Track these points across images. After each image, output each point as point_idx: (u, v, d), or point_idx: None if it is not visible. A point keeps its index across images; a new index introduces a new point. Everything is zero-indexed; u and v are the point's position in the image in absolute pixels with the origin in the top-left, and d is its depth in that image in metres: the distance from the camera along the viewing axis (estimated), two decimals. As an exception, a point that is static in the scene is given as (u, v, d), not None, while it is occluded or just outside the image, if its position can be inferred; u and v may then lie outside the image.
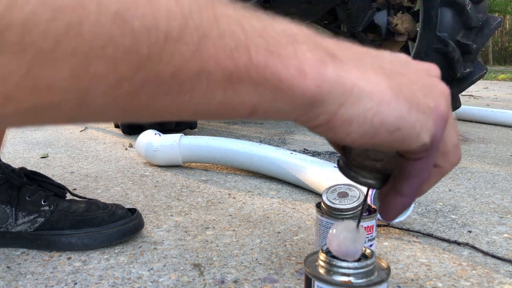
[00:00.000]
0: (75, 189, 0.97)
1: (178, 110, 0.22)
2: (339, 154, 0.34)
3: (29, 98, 0.18)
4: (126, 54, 0.18)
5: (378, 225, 0.76)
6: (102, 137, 1.61)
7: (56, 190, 0.72)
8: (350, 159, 0.32)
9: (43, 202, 0.69)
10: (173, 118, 0.23)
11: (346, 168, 0.32)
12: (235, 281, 0.58)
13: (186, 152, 1.14)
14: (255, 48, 0.22)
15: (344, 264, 0.40)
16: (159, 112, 0.22)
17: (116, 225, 0.68)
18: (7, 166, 0.70)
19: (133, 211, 0.73)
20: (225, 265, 0.63)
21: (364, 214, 0.59)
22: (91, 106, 0.20)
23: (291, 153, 1.01)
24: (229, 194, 0.96)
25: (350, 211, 0.58)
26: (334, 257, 0.40)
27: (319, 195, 0.95)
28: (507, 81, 6.14)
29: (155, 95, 0.21)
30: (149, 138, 1.17)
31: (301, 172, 0.96)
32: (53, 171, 1.12)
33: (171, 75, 0.20)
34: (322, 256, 0.41)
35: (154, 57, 0.19)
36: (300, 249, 0.68)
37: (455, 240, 0.72)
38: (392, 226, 0.77)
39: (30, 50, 0.16)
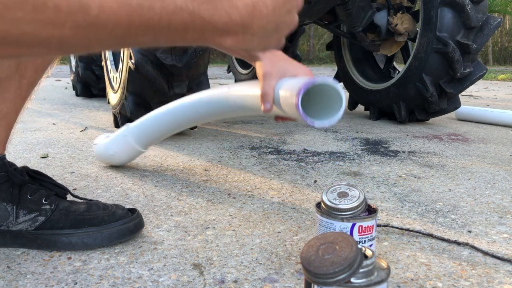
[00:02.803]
0: (75, 189, 0.97)
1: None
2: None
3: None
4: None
5: (378, 225, 0.76)
6: (102, 137, 1.61)
7: (57, 190, 0.72)
8: None
9: (44, 201, 0.69)
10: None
11: None
12: (235, 281, 0.58)
13: (141, 138, 1.06)
14: None
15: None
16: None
17: (116, 225, 0.68)
18: (11, 165, 0.70)
19: (133, 211, 0.73)
20: (225, 265, 0.63)
21: (363, 214, 0.59)
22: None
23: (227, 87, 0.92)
24: (229, 194, 0.96)
25: (350, 211, 0.58)
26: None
27: (319, 195, 0.95)
28: (506, 81, 6.15)
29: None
30: (102, 145, 1.11)
31: (229, 94, 0.89)
32: (53, 171, 1.12)
33: None
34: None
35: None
36: (300, 249, 0.68)
37: (455, 240, 0.72)
38: (392, 226, 0.77)
39: None
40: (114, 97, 1.68)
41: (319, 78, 0.64)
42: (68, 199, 0.74)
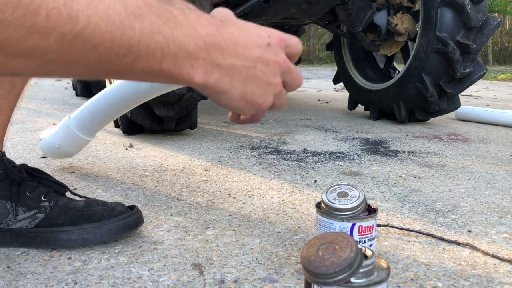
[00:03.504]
0: (75, 189, 0.97)
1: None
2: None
3: None
4: None
5: (378, 225, 0.76)
6: (102, 137, 1.61)
7: (56, 187, 0.72)
8: None
9: (43, 198, 0.69)
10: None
11: None
12: (235, 281, 0.58)
13: (83, 126, 1.02)
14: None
15: None
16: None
17: (115, 221, 0.68)
18: (10, 162, 0.70)
19: (132, 207, 0.73)
20: (225, 265, 0.63)
21: (363, 214, 0.59)
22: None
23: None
24: (229, 194, 0.96)
25: (350, 211, 0.58)
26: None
27: (319, 195, 0.95)
28: (506, 81, 6.15)
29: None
30: (46, 139, 1.07)
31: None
32: (53, 171, 1.12)
33: None
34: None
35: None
36: (300, 249, 0.68)
37: (455, 240, 0.72)
38: (392, 226, 0.77)
39: None
40: (114, 97, 1.68)
41: None
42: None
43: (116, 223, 0.68)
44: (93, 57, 0.34)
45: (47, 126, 1.87)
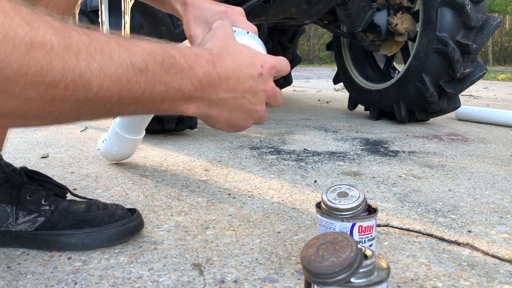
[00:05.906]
0: (75, 189, 0.97)
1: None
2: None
3: None
4: None
5: (378, 225, 0.76)
6: (102, 137, 1.61)
7: (56, 190, 0.72)
8: None
9: (44, 201, 0.69)
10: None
11: None
12: (235, 281, 0.58)
13: (130, 128, 1.10)
14: None
15: None
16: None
17: (116, 226, 0.68)
18: (8, 165, 0.70)
19: (133, 211, 0.73)
20: (225, 265, 0.63)
21: (363, 214, 0.59)
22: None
23: None
24: (229, 194, 0.96)
25: (350, 211, 0.58)
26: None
27: (319, 195, 0.95)
28: (506, 81, 6.14)
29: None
30: (103, 149, 1.15)
31: None
32: (53, 171, 1.12)
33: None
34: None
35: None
36: (300, 249, 0.68)
37: (455, 240, 0.72)
38: (392, 226, 0.77)
39: None
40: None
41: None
42: (68, 197, 0.74)
43: (117, 228, 0.68)
44: (102, 110, 0.39)
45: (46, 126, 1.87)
